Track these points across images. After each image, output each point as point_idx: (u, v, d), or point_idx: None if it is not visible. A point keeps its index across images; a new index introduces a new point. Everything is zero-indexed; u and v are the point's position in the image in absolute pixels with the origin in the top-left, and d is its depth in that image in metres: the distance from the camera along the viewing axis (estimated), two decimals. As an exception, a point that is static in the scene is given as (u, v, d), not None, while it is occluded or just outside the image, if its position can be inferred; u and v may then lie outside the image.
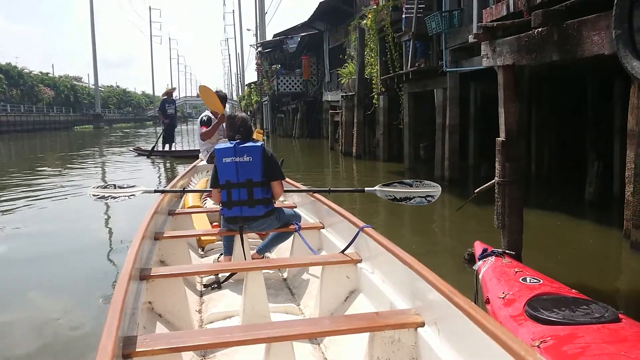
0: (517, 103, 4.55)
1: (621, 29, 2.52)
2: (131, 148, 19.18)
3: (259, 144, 3.53)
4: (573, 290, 2.70)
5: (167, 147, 16.31)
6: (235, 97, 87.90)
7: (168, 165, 14.41)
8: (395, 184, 3.94)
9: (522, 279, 2.81)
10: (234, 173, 3.48)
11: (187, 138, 31.00)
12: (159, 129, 17.00)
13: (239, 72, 77.83)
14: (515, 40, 3.82)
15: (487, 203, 5.56)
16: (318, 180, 11.55)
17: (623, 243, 5.25)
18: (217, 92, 6.49)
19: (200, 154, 7.29)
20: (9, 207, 8.56)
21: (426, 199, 3.82)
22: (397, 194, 3.88)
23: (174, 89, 17.44)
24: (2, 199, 9.31)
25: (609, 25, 2.74)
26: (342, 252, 3.14)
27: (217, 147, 3.61)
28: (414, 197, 3.83)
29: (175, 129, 17.10)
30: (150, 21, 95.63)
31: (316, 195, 4.26)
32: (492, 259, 3.23)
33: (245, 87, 53.41)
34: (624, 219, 5.22)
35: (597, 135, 8.01)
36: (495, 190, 4.42)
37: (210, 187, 3.83)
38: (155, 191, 4.38)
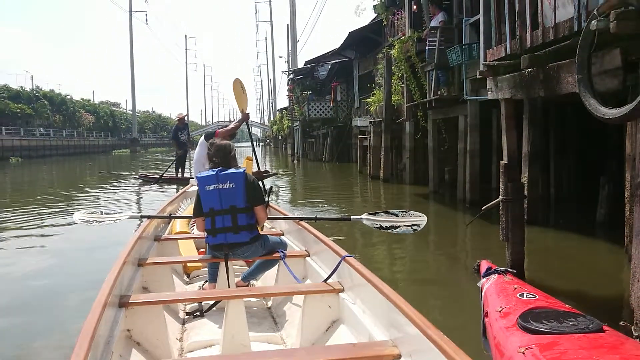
0: (518, 130, 5.10)
1: (582, 73, 3.08)
2: (136, 175, 18.34)
3: (241, 170, 3.52)
4: (566, 305, 2.87)
5: (179, 174, 16.19)
6: (267, 122, 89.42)
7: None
8: (382, 213, 3.99)
9: (519, 295, 2.96)
10: (217, 200, 3.46)
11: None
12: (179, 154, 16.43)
13: (270, 98, 79.40)
14: (511, 77, 4.42)
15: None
16: (347, 201, 12.10)
17: (625, 260, 5.68)
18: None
19: (191, 180, 7.35)
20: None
21: (412, 228, 3.84)
22: (383, 222, 3.92)
23: (186, 115, 17.33)
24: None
25: (578, 69, 3.30)
26: (325, 281, 3.15)
27: (199, 175, 3.57)
28: (399, 226, 3.86)
29: (187, 156, 16.62)
30: (186, 49, 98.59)
31: (302, 223, 4.22)
32: (494, 276, 3.38)
33: (277, 112, 54.53)
34: (625, 236, 5.66)
35: (610, 158, 8.38)
36: (500, 208, 4.98)
37: (194, 217, 3.74)
38: (142, 216, 4.33)
